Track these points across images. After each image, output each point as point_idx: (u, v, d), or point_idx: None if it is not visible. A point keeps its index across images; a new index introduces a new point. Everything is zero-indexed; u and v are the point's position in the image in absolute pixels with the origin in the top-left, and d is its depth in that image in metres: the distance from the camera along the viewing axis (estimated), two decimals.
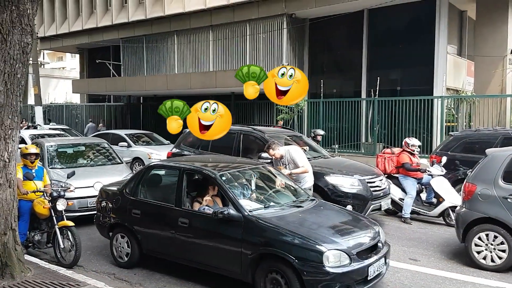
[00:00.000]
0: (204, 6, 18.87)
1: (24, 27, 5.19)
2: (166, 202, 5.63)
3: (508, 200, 5.63)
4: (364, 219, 5.41)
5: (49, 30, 26.33)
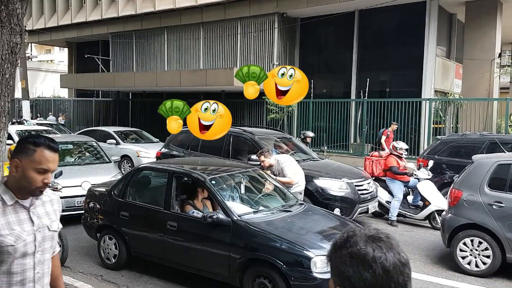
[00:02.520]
0: (195, 3, 18.79)
1: (13, 26, 5.10)
2: (155, 204, 5.63)
3: (493, 207, 5.73)
4: (351, 224, 5.46)
5: (38, 23, 25.99)
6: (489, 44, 14.84)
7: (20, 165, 2.01)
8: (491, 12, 14.75)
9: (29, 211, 2.09)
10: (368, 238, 1.07)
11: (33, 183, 2.02)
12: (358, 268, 1.02)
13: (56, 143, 2.11)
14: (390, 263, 1.03)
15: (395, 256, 1.04)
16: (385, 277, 1.01)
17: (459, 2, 15.26)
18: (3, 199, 2.04)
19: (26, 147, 2.02)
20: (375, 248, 1.04)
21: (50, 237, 2.19)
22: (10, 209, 2.04)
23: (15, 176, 2.03)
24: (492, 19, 14.77)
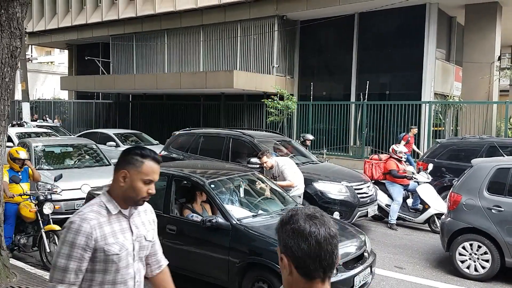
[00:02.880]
0: (195, 6, 18.81)
1: (13, 30, 5.13)
2: (154, 208, 5.56)
3: (492, 211, 5.73)
4: (350, 228, 5.46)
5: (38, 25, 26.03)
6: (489, 47, 14.85)
7: (129, 176, 2.07)
8: (491, 15, 14.76)
9: (129, 220, 2.14)
10: (307, 217, 1.36)
11: (139, 193, 2.08)
12: (298, 240, 1.32)
13: (158, 155, 2.19)
14: (322, 236, 1.32)
15: (326, 231, 1.33)
16: (318, 247, 1.31)
17: (459, 5, 15.28)
18: (108, 208, 2.09)
19: (134, 159, 2.09)
20: (311, 225, 1.33)
21: (146, 247, 2.23)
22: (114, 218, 2.09)
23: (122, 187, 2.08)
24: (491, 22, 14.78)
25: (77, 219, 2.01)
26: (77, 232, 1.98)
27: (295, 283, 1.36)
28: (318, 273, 1.33)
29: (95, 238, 1.99)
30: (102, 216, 2.05)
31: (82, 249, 1.98)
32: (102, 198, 2.11)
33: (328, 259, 1.33)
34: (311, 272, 1.33)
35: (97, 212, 2.05)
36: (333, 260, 1.34)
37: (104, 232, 2.03)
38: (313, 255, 1.31)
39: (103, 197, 2.12)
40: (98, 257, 2.02)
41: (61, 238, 1.99)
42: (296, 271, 1.34)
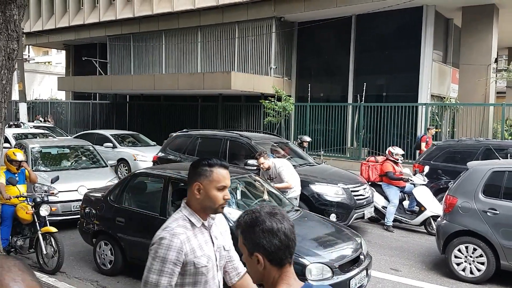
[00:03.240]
0: (193, 6, 18.82)
1: (10, 33, 5.14)
2: (151, 210, 5.63)
3: (488, 214, 5.76)
4: (346, 231, 5.48)
5: (35, 25, 25.99)
6: (486, 49, 14.91)
7: (202, 187, 2.11)
8: (488, 17, 14.82)
9: (209, 231, 2.18)
10: (269, 215, 1.53)
11: (216, 201, 2.12)
12: (270, 238, 1.50)
13: (225, 161, 2.23)
14: (287, 229, 1.52)
15: (288, 223, 1.54)
16: (286, 239, 1.51)
17: (456, 7, 15.33)
18: (191, 221, 2.13)
19: (203, 170, 2.13)
20: (276, 222, 1.52)
21: (224, 256, 2.27)
22: (197, 231, 2.13)
23: (199, 199, 2.12)
24: (488, 24, 14.84)
25: (167, 234, 2.05)
26: (168, 248, 2.01)
27: (268, 273, 1.55)
28: (287, 259, 1.55)
29: (185, 253, 2.03)
30: (188, 229, 2.09)
31: (173, 264, 2.02)
32: (184, 212, 2.15)
33: (293, 246, 1.56)
34: (283, 261, 1.54)
35: (184, 227, 2.09)
36: (295, 244, 1.57)
37: (192, 245, 2.06)
38: (284, 247, 1.52)
39: (185, 210, 2.16)
40: (188, 270, 2.07)
41: (152, 254, 2.05)
42: (269, 263, 1.53)
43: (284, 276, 1.55)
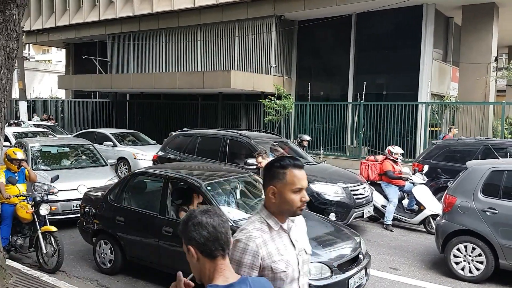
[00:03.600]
0: (193, 5, 18.81)
1: (10, 32, 5.14)
2: (151, 210, 5.65)
3: (487, 213, 5.77)
4: (345, 230, 5.49)
5: (35, 23, 25.97)
6: (486, 48, 14.91)
7: (277, 190, 2.04)
8: (488, 15, 14.81)
9: (289, 234, 2.10)
10: (202, 212, 1.71)
11: (293, 204, 2.03)
12: (199, 230, 1.65)
13: (299, 160, 2.12)
14: (216, 223, 1.67)
15: (219, 219, 1.69)
16: (214, 231, 1.65)
17: (456, 6, 15.32)
18: (269, 224, 2.05)
19: (276, 172, 2.05)
20: (206, 217, 1.68)
21: (307, 260, 2.19)
22: (275, 234, 2.05)
23: (275, 202, 2.05)
24: (488, 22, 14.83)
25: (242, 237, 1.99)
26: (243, 251, 1.96)
27: (202, 266, 1.69)
28: (219, 251, 1.67)
29: (262, 257, 1.96)
30: (265, 233, 2.02)
31: (249, 268, 1.95)
32: (262, 214, 2.08)
33: (224, 238, 1.68)
34: (213, 252, 1.67)
35: (260, 229, 2.02)
36: (227, 239, 1.69)
37: (269, 249, 1.99)
38: (212, 238, 1.66)
39: (263, 212, 2.08)
40: (265, 275, 1.98)
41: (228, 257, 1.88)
42: (202, 255, 1.68)
43: (219, 268, 1.68)
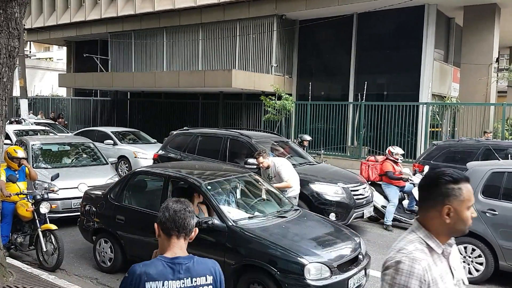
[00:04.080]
0: (194, 4, 18.80)
1: (12, 30, 5.14)
2: (151, 209, 5.65)
3: (487, 215, 5.77)
4: (345, 230, 5.50)
5: (37, 21, 25.98)
6: (487, 48, 14.90)
7: (453, 209, 1.80)
8: (489, 16, 14.80)
9: (448, 260, 1.88)
10: (173, 200, 2.20)
11: (467, 222, 1.83)
12: (164, 212, 2.13)
13: (462, 173, 1.91)
14: (177, 208, 2.13)
15: (181, 206, 2.15)
16: (174, 214, 2.12)
17: (457, 7, 15.31)
18: (429, 246, 1.83)
19: (450, 189, 1.81)
20: (173, 203, 2.16)
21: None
22: (436, 258, 1.83)
23: (449, 223, 1.81)
24: (490, 23, 14.83)
25: (405, 259, 1.77)
26: (409, 275, 1.74)
27: (162, 241, 2.15)
28: (174, 231, 2.11)
29: (428, 282, 1.75)
30: (427, 255, 1.80)
31: None
32: (419, 233, 1.86)
33: (181, 222, 2.11)
34: (169, 231, 2.11)
35: (422, 251, 1.80)
36: (185, 224, 2.12)
37: (434, 275, 1.78)
38: (171, 219, 2.10)
39: (420, 232, 1.86)
40: None
41: (388, 280, 1.81)
42: (162, 232, 2.13)
43: (172, 245, 2.12)
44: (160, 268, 2.06)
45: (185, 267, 2.10)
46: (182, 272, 2.09)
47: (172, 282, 2.07)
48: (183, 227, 2.10)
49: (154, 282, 2.04)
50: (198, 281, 2.14)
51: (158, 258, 2.10)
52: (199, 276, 2.15)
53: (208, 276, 2.18)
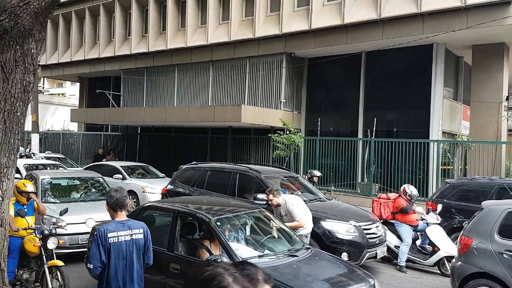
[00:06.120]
0: (206, 42, 19.20)
1: (27, 66, 5.23)
2: (158, 245, 5.52)
3: (504, 256, 5.58)
4: (359, 271, 5.32)
5: (51, 58, 26.64)
6: (497, 87, 14.90)
7: None
8: (498, 55, 14.89)
9: None
10: (113, 190, 3.82)
11: None
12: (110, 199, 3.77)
13: None
14: (118, 196, 3.76)
15: (120, 194, 3.78)
16: (116, 199, 3.75)
17: (466, 45, 15.44)
18: None
19: None
20: (114, 192, 3.79)
21: None
22: None
23: None
24: (499, 62, 14.89)
25: None
26: None
27: (112, 213, 3.79)
28: (118, 208, 3.76)
29: None
30: None
31: None
32: None
33: (121, 203, 3.75)
34: (116, 209, 3.76)
35: None
36: (124, 204, 3.75)
37: None
38: (115, 202, 3.73)
39: None
40: None
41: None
42: (111, 209, 3.77)
43: (118, 216, 3.78)
44: (114, 225, 3.70)
45: (127, 224, 3.75)
46: (126, 227, 3.73)
47: (121, 232, 3.67)
48: (123, 206, 3.78)
49: (112, 232, 3.63)
50: (135, 232, 3.77)
51: (112, 221, 3.77)
52: (135, 229, 3.79)
53: (140, 229, 3.83)
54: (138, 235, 3.76)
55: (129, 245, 3.68)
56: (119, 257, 3.62)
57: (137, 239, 3.74)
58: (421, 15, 13.96)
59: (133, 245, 3.70)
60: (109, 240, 3.57)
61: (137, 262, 3.72)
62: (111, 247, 3.58)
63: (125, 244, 3.65)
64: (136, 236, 3.74)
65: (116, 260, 3.60)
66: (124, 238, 3.65)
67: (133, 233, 3.72)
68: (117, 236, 3.62)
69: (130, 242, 3.69)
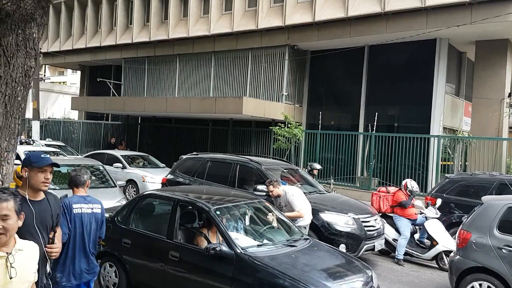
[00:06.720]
0: (208, 33, 19.11)
1: (29, 50, 5.18)
2: (158, 233, 5.55)
3: (503, 251, 5.59)
4: (357, 262, 5.34)
5: (53, 46, 26.54)
6: (499, 83, 14.86)
7: None
8: (501, 51, 14.83)
9: None
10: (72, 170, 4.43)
11: None
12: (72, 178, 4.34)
13: None
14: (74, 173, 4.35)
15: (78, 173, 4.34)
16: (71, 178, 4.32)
17: (469, 41, 15.38)
18: None
19: None
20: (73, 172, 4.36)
21: None
22: None
23: None
24: (502, 58, 14.83)
25: None
26: None
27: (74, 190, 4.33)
28: (79, 185, 4.30)
29: None
30: None
31: None
32: None
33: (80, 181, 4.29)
34: (77, 186, 4.30)
35: None
36: (83, 181, 4.31)
37: None
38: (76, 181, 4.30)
39: None
40: None
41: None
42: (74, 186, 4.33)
43: (79, 191, 4.27)
44: (77, 199, 4.19)
45: (87, 199, 4.24)
46: (87, 201, 4.23)
47: (84, 205, 4.17)
48: (83, 183, 4.30)
49: (76, 204, 4.12)
50: (94, 206, 4.26)
51: (75, 195, 4.25)
52: (95, 204, 4.28)
53: (98, 205, 4.32)
54: (97, 209, 4.27)
55: (90, 217, 4.19)
56: (82, 226, 4.12)
57: (96, 213, 4.26)
58: (425, 9, 13.88)
59: (93, 217, 4.21)
60: (73, 211, 4.07)
61: (94, 234, 4.24)
62: (75, 218, 4.08)
63: (87, 216, 4.16)
64: (95, 210, 4.25)
65: (79, 229, 4.11)
66: (86, 211, 4.16)
67: (93, 207, 4.24)
68: (80, 207, 4.13)
69: (91, 215, 4.20)
